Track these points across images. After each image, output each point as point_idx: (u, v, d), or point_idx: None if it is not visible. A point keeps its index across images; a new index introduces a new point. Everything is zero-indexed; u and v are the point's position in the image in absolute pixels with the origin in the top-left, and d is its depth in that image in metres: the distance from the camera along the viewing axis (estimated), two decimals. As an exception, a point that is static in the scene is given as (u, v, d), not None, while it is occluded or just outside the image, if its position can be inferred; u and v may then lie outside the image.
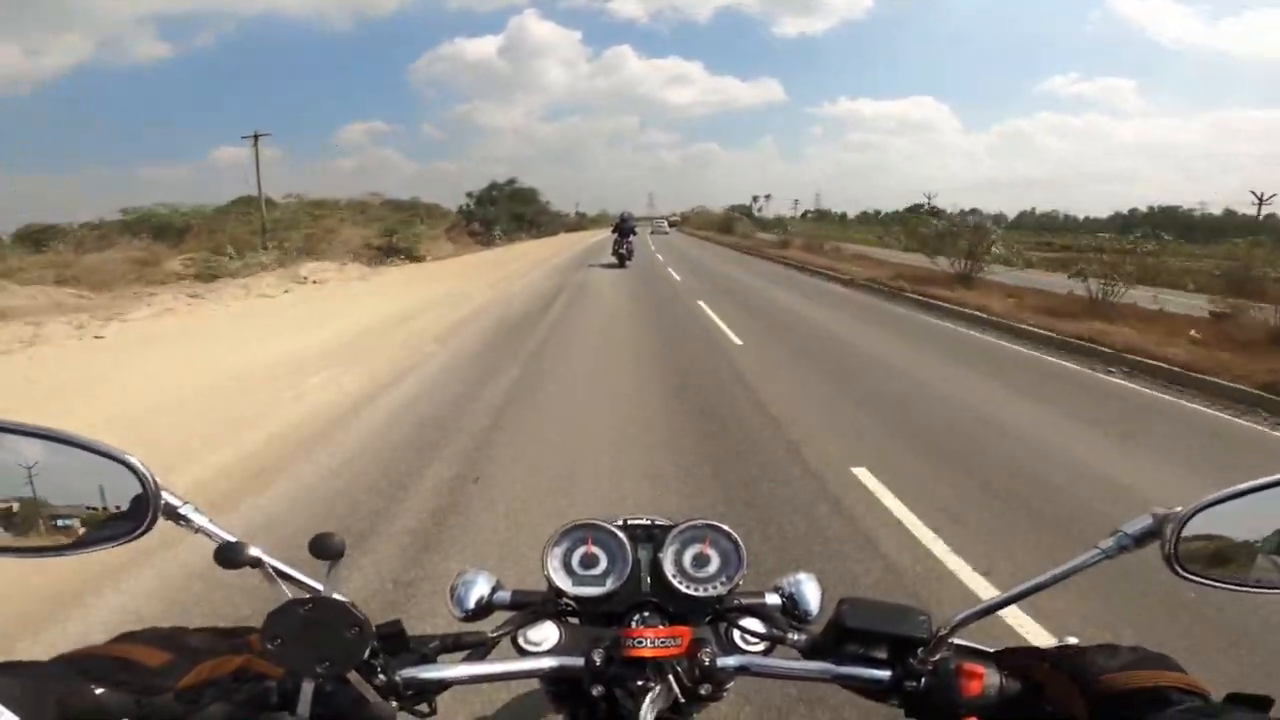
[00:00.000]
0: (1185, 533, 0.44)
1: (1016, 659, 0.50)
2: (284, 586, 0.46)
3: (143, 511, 0.45)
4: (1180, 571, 0.45)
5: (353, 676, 0.43)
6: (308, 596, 0.44)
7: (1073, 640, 0.49)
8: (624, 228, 17.45)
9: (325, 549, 0.46)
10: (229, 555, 0.44)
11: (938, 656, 0.50)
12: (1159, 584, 2.13)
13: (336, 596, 0.44)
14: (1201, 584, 0.45)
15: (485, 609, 0.61)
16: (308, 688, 0.42)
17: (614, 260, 16.94)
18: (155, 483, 0.45)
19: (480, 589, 0.61)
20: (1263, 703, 0.39)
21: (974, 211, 15.96)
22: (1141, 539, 0.46)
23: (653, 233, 43.07)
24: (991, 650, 0.51)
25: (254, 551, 0.45)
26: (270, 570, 0.47)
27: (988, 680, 0.48)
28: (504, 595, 0.62)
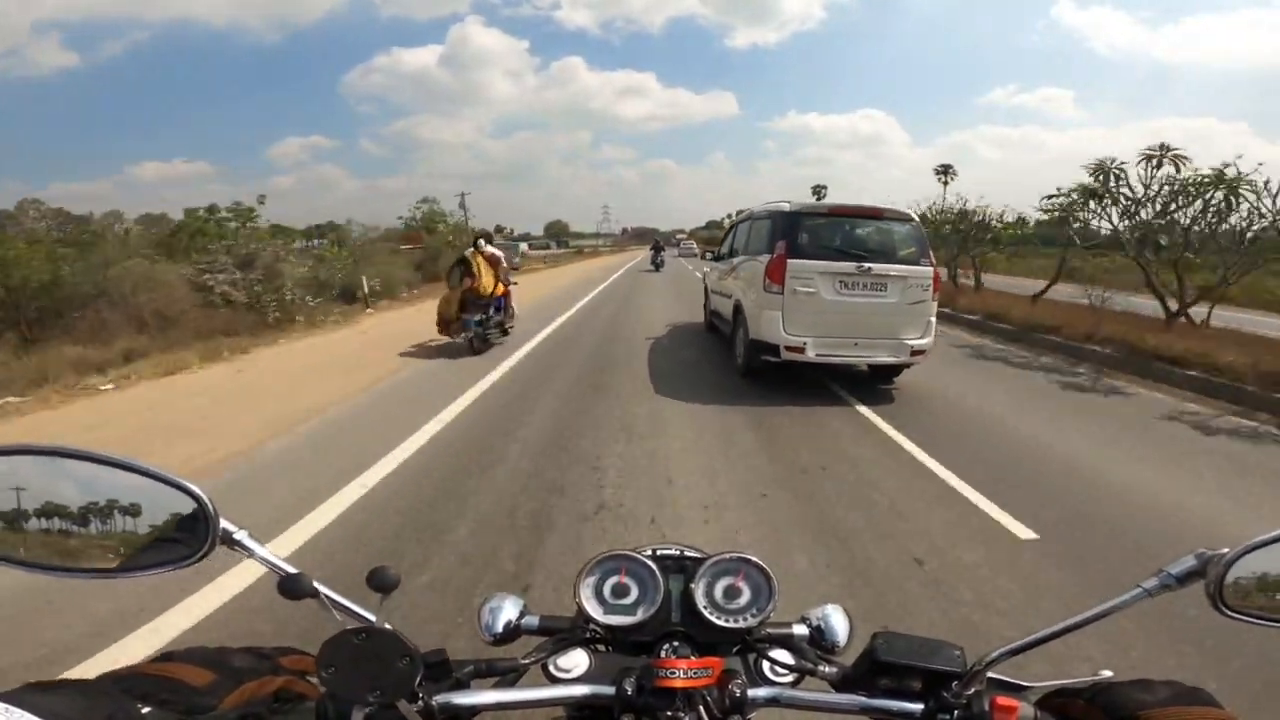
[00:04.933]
0: (1230, 572, 0.44)
1: (1051, 694, 0.50)
2: (338, 616, 0.48)
3: (201, 537, 0.47)
4: (1225, 609, 0.45)
5: (399, 704, 0.44)
6: (362, 626, 0.45)
7: (1107, 674, 0.48)
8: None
9: (380, 581, 0.47)
10: (291, 587, 0.46)
11: (971, 690, 0.49)
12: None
13: (388, 627, 0.45)
14: (1247, 621, 0.45)
15: (513, 633, 0.61)
16: (358, 716, 0.43)
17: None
18: (215, 510, 0.47)
19: (508, 613, 0.62)
20: None
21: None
22: (1185, 578, 0.46)
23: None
24: (1025, 685, 0.51)
25: (312, 583, 0.47)
26: (326, 600, 0.48)
27: (1022, 715, 0.48)
28: (532, 620, 0.62)
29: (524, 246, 65.15)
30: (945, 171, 62.09)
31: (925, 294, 5.16)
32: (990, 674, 0.50)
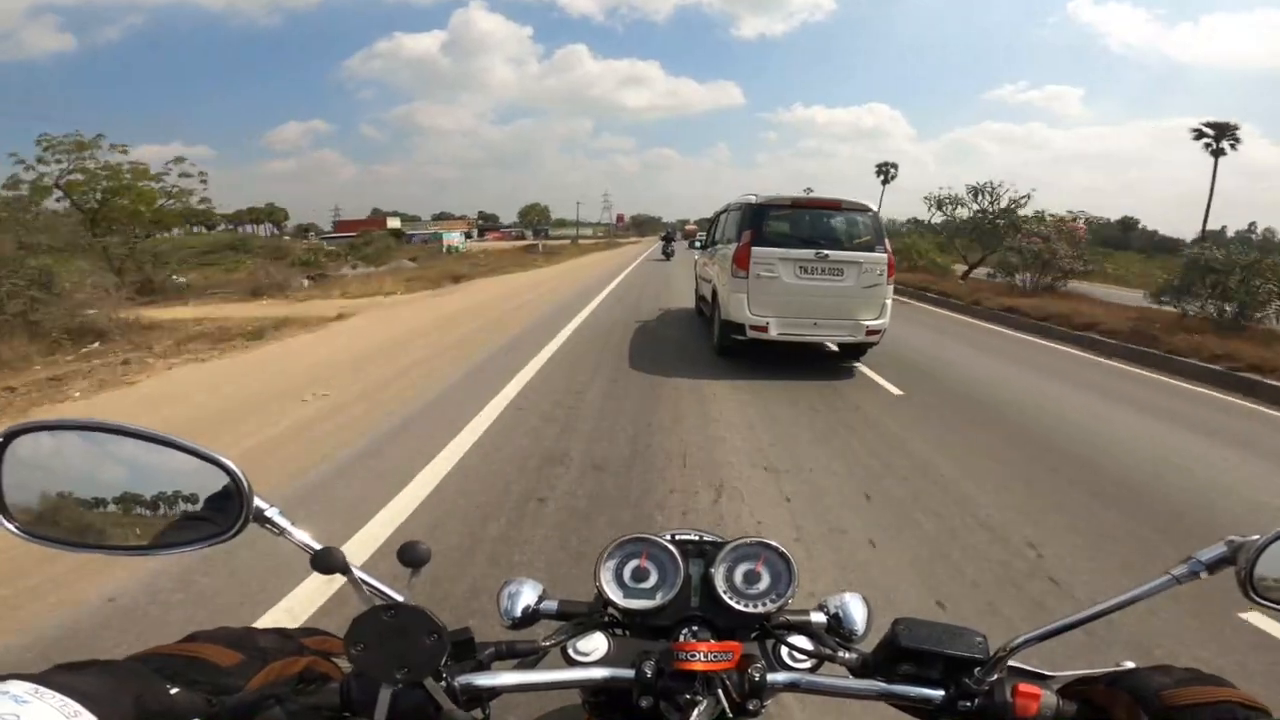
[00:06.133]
0: (1261, 559, 0.43)
1: (1073, 681, 0.50)
2: (366, 591, 0.48)
3: (233, 514, 0.48)
4: (1255, 597, 0.45)
5: (426, 682, 0.44)
6: (390, 604, 0.46)
7: (1129, 664, 0.48)
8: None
9: (411, 556, 0.47)
10: (323, 562, 0.47)
11: (994, 677, 0.49)
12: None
13: (417, 604, 0.46)
14: (1277, 610, 0.45)
15: (532, 617, 0.62)
16: (385, 693, 0.44)
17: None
18: (248, 487, 0.47)
19: (527, 597, 0.62)
20: None
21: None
22: (1215, 565, 0.45)
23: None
24: (1048, 674, 0.51)
25: (344, 559, 0.47)
26: (357, 578, 0.48)
27: (1044, 702, 0.48)
28: (551, 604, 0.62)
29: (455, 237, 47.10)
30: (1218, 138, 29.88)
31: (880, 278, 5.71)
32: (1012, 662, 0.50)
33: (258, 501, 0.48)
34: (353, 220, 68.01)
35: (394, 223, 68.90)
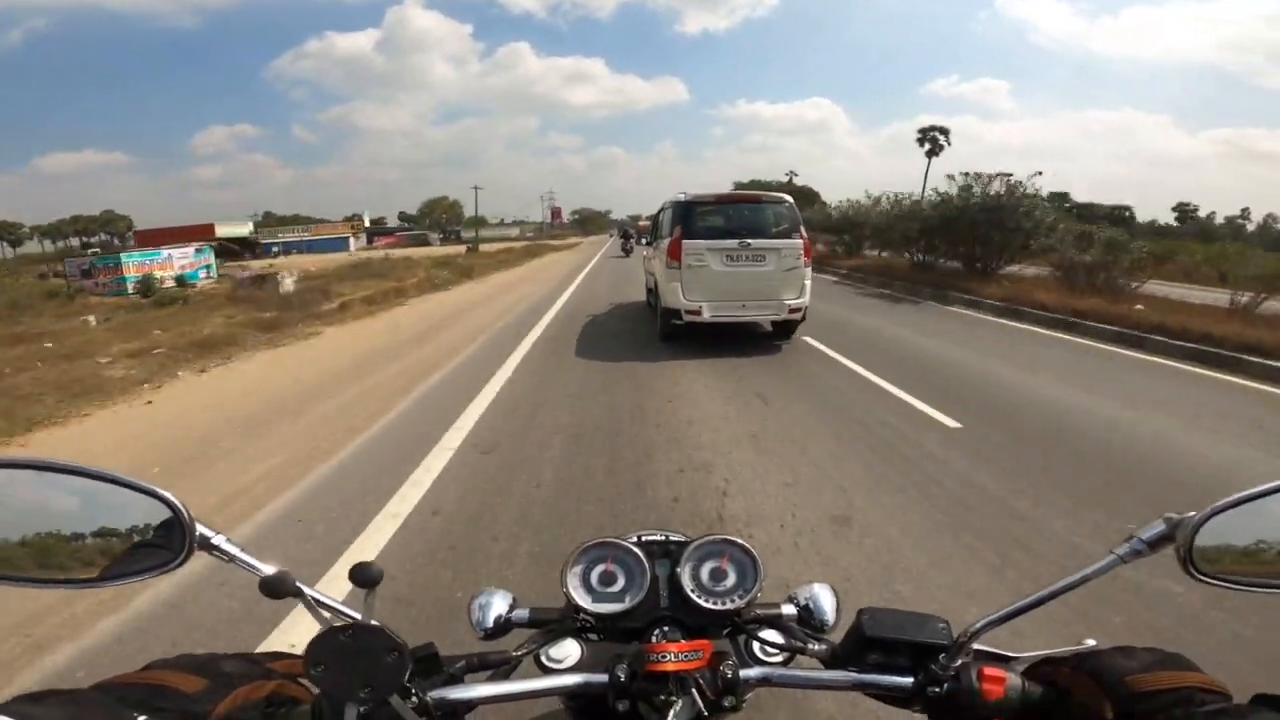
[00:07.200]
0: (1199, 536, 0.45)
1: (1037, 662, 0.51)
2: (324, 614, 0.48)
3: (178, 544, 0.47)
4: (1194, 573, 0.46)
5: (392, 699, 0.44)
6: (348, 624, 0.45)
7: (1090, 642, 0.49)
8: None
9: (364, 577, 0.47)
10: (273, 586, 0.46)
11: (959, 662, 0.50)
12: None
13: (375, 623, 0.45)
14: (1216, 585, 0.46)
15: (504, 627, 0.62)
16: (350, 713, 0.43)
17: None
18: (189, 515, 0.47)
19: (499, 607, 0.62)
20: None
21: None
22: (1156, 543, 0.47)
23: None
24: (1012, 655, 0.52)
25: (295, 582, 0.46)
26: (310, 599, 0.48)
27: (1009, 684, 0.49)
28: (522, 613, 0.62)
29: (168, 257, 22.42)
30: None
31: (798, 262, 6.47)
32: (976, 645, 0.51)
33: (202, 529, 0.47)
34: (162, 229, 42.52)
35: (237, 230, 47.26)
